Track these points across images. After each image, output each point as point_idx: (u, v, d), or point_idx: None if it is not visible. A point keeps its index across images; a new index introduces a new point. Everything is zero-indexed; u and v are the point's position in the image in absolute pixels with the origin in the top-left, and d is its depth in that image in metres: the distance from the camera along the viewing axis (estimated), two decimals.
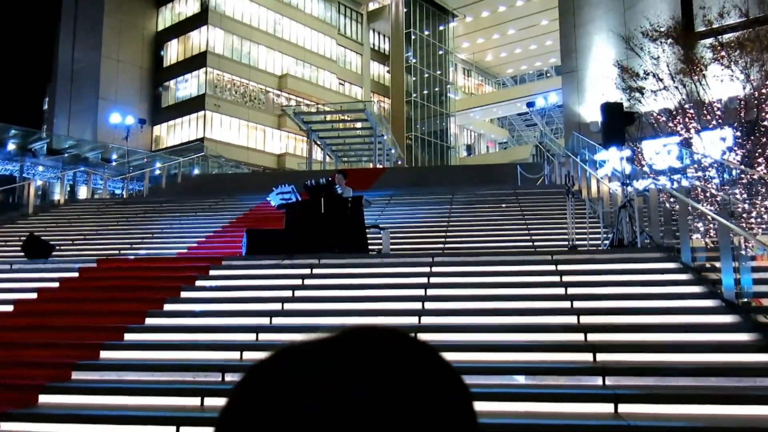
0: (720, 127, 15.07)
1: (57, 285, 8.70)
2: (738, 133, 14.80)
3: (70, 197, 20.57)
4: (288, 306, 7.39)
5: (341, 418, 0.42)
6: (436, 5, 52.19)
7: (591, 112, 21.76)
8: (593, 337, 6.03)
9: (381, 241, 10.42)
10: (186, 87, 41.01)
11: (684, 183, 13.72)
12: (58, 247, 11.74)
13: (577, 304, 6.80)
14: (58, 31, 38.62)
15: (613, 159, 12.02)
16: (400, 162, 40.82)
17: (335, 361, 0.45)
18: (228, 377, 5.80)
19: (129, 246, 13.00)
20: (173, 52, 41.86)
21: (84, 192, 23.38)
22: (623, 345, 5.84)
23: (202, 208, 16.56)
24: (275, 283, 8.12)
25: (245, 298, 7.70)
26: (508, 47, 54.83)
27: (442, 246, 11.58)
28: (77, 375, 6.00)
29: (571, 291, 7.20)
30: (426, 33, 52.30)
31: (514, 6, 49.49)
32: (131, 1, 40.63)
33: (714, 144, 14.89)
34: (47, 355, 6.40)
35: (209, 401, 5.31)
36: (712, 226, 11.86)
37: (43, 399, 5.59)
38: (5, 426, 5.09)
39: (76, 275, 9.08)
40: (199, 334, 6.82)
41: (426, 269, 8.14)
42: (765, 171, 14.28)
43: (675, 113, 16.05)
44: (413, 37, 51.38)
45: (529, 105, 25.97)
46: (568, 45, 24.11)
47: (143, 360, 6.24)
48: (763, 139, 14.52)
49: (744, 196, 13.76)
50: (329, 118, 33.49)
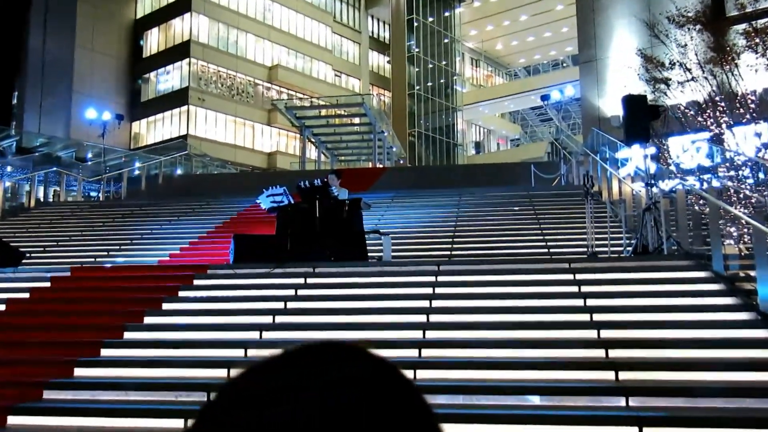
0: (754, 122, 15.06)
1: (27, 296, 8.71)
2: None
3: (41, 200, 20.58)
4: (280, 319, 7.39)
5: (316, 423, 0.46)
6: None
7: (612, 105, 21.77)
8: (615, 354, 6.02)
9: (381, 248, 10.42)
10: (167, 79, 41.10)
11: (715, 183, 13.72)
12: (28, 255, 11.75)
13: (598, 316, 6.79)
14: (28, 19, 38.69)
15: (637, 157, 12.02)
16: (402, 161, 40.87)
17: (306, 371, 0.50)
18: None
19: (106, 253, 13.01)
20: (153, 41, 41.96)
21: (56, 194, 23.38)
22: (648, 362, 5.83)
23: (185, 211, 16.57)
24: (266, 294, 8.13)
25: (233, 310, 7.70)
26: (519, 35, 54.90)
27: (448, 253, 11.58)
28: (49, 394, 6.00)
29: (591, 302, 7.19)
30: (430, 20, 52.41)
31: None
32: None
33: (748, 140, 14.89)
34: (16, 373, 6.40)
35: None
36: (746, 230, 11.86)
37: (12, 420, 5.58)
38: None
39: (47, 285, 9.08)
40: (183, 349, 6.82)
41: (431, 278, 8.14)
42: None
43: (704, 106, 16.06)
44: (416, 24, 51.49)
45: (544, 98, 25.99)
46: (586, 32, 24.15)
47: (121, 378, 6.24)
48: None
49: None
50: (324, 113, 33.58)
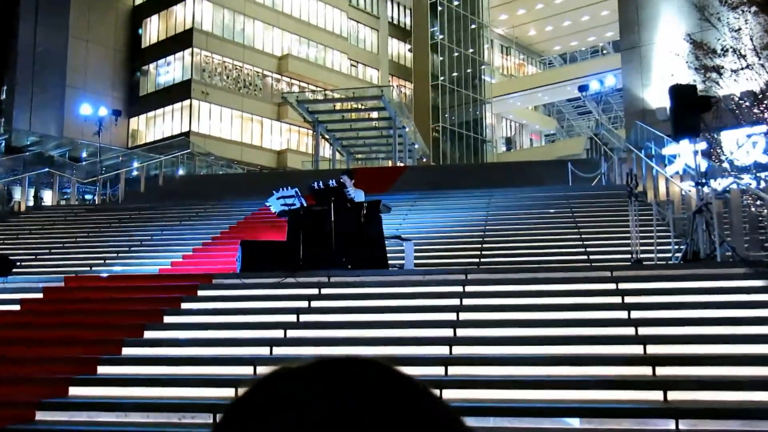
0: None
1: (18, 308, 8.82)
2: None
3: (33, 203, 20.86)
4: (292, 333, 7.42)
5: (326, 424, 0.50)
6: None
7: (657, 96, 21.62)
8: (663, 371, 5.97)
9: (403, 255, 10.41)
10: (168, 72, 41.48)
11: None
12: (18, 263, 11.90)
13: (643, 330, 6.74)
14: (17, 8, 39.25)
15: (686, 153, 11.91)
16: (425, 159, 40.88)
17: (316, 381, 0.54)
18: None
19: (102, 261, 13.14)
20: (153, 30, 42.38)
21: (49, 197, 23.68)
22: (700, 381, 5.77)
23: (188, 215, 16.69)
24: (276, 306, 8.16)
25: (241, 323, 7.75)
26: (554, 19, 54.67)
27: (477, 260, 11.55)
28: (42, 416, 6.07)
29: (636, 315, 7.14)
30: (455, 3, 52.41)
31: None
32: None
33: None
34: (7, 393, 6.49)
35: None
36: None
37: None
38: None
39: (40, 296, 9.20)
40: (187, 366, 6.87)
41: (458, 288, 8.13)
42: None
43: (761, 97, 15.89)
44: (440, 9, 51.50)
45: (582, 89, 25.83)
46: (628, 16, 24.00)
47: (120, 398, 6.30)
48: None
49: None
50: (339, 106, 33.66)
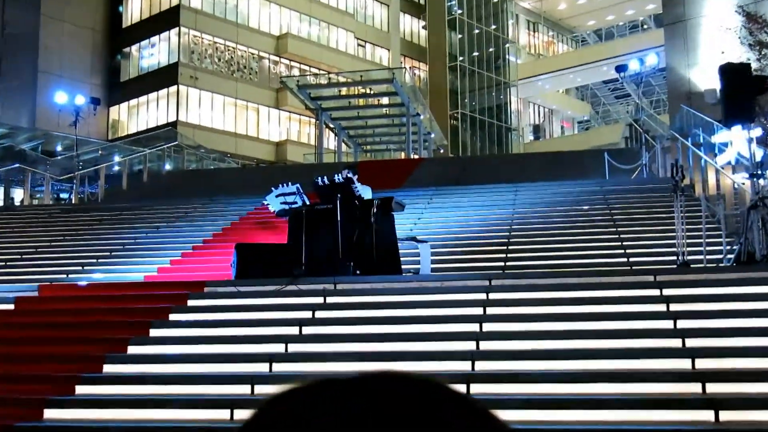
0: None
1: None
2: None
3: (2, 203, 20.98)
4: (294, 347, 7.43)
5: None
6: None
7: (705, 77, 21.50)
8: (714, 389, 5.94)
9: (418, 259, 10.41)
10: (153, 54, 41.64)
11: None
12: None
13: (691, 342, 6.71)
14: None
15: (738, 141, 11.85)
16: (442, 150, 40.83)
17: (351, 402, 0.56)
18: None
19: (80, 268, 13.19)
20: (135, 7, 42.55)
21: (20, 196, 23.84)
22: (755, 399, 5.74)
23: (176, 215, 16.74)
24: (276, 317, 8.18)
25: (237, 336, 7.76)
26: None
27: (502, 264, 11.53)
28: None
29: (683, 324, 7.11)
30: None
31: None
32: None
33: None
34: None
35: None
36: None
37: None
38: None
39: (11, 307, 9.24)
40: (177, 386, 6.89)
41: (481, 296, 8.13)
42: None
43: None
44: None
45: (619, 69, 25.65)
46: None
47: (102, 421, 6.33)
48: None
49: None
50: (345, 92, 33.66)
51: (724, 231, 10.96)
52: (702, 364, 6.36)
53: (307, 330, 7.79)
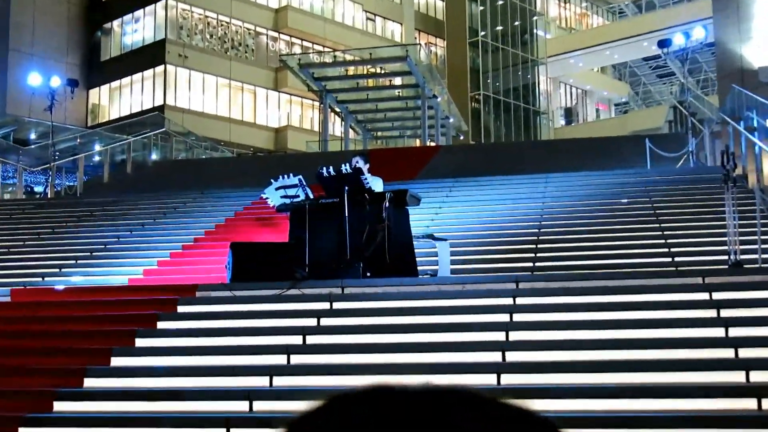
0: None
1: None
2: None
3: None
4: (296, 359, 7.43)
5: None
6: None
7: (760, 52, 21.36)
8: None
9: (436, 259, 10.39)
10: (137, 30, 41.72)
11: None
12: None
13: (745, 352, 6.68)
14: None
15: None
16: (462, 136, 40.78)
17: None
18: None
19: (57, 270, 13.22)
20: None
21: None
22: None
23: (164, 210, 16.77)
24: (277, 324, 8.19)
25: (232, 347, 7.77)
26: None
27: (530, 265, 11.50)
28: None
29: (735, 332, 7.08)
30: None
31: None
32: None
33: None
34: None
35: None
36: None
37: None
38: None
39: None
40: (165, 402, 6.90)
41: (507, 301, 8.11)
42: None
43: None
44: None
45: (662, 44, 25.50)
46: None
47: None
48: None
49: None
50: (352, 71, 33.61)
51: None
52: (757, 377, 6.33)
53: (312, 339, 7.79)
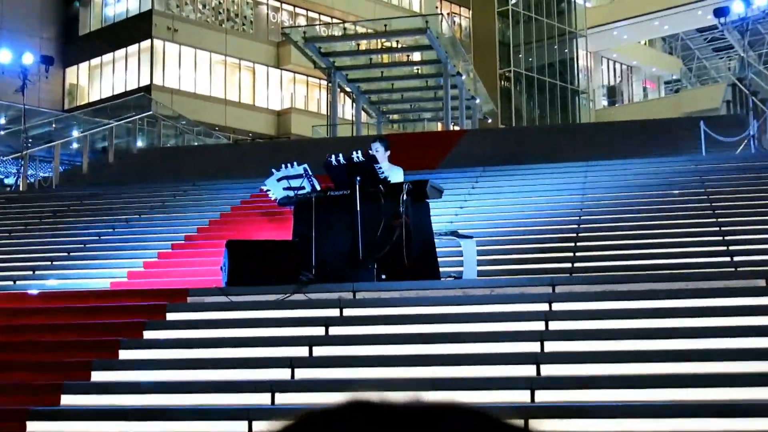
0: None
1: None
2: None
3: None
4: (302, 373, 7.43)
5: None
6: None
7: None
8: None
9: (461, 259, 10.37)
10: (119, 0, 41.77)
11: None
12: None
13: None
14: None
15: None
16: (489, 119, 40.70)
17: None
18: None
19: (30, 272, 13.29)
20: None
21: None
22: None
23: (151, 204, 16.81)
24: (279, 334, 8.18)
25: (229, 359, 7.77)
26: None
27: (568, 266, 11.47)
28: None
29: None
30: None
31: None
32: None
33: None
34: None
35: None
36: None
37: None
38: None
39: None
40: (153, 422, 6.91)
41: (542, 307, 8.09)
42: None
43: None
44: None
45: (719, 13, 25.34)
46: None
47: None
48: None
49: None
50: (365, 46, 33.56)
51: None
52: None
53: (319, 351, 7.78)
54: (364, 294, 8.70)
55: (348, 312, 8.46)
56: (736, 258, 11.14)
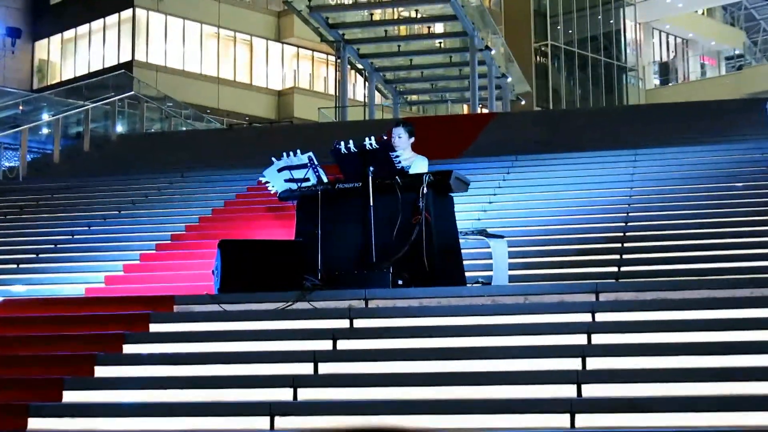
0: None
1: None
2: None
3: None
4: (305, 394, 7.42)
5: None
6: None
7: None
8: None
9: (490, 263, 10.35)
10: None
11: None
12: None
13: None
14: None
15: None
16: (523, 101, 40.66)
17: None
18: None
19: None
20: None
21: None
22: None
23: (132, 199, 16.84)
24: (280, 348, 8.17)
25: (222, 377, 7.77)
26: None
27: (614, 270, 11.46)
28: None
29: None
30: None
31: None
32: None
33: None
34: None
35: None
36: None
37: None
38: None
39: None
40: None
41: (584, 317, 8.07)
42: None
43: None
44: None
45: None
46: None
47: None
48: None
49: None
50: (379, 15, 33.55)
51: None
52: None
53: (325, 368, 7.77)
54: (377, 302, 8.69)
55: (359, 323, 8.45)
56: None
